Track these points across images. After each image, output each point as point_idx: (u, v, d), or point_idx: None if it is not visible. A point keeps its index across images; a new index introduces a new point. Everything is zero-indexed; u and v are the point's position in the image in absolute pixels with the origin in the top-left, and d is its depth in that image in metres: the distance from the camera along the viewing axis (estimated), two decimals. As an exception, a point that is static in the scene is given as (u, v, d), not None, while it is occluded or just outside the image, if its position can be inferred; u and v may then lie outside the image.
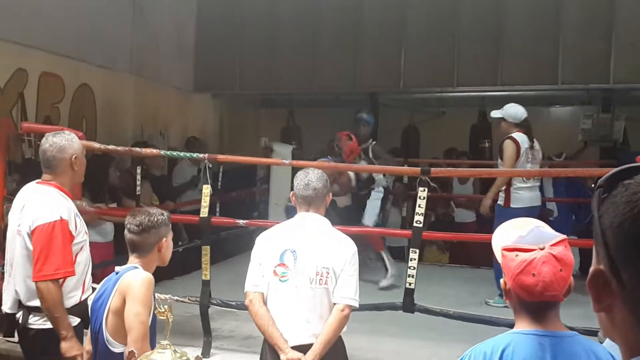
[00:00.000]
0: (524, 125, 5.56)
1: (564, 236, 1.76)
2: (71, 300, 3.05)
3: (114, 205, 5.70)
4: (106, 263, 5.27)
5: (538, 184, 5.63)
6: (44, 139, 3.17)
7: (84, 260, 3.13)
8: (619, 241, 0.87)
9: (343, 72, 8.94)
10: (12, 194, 3.87)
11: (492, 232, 1.92)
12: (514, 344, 1.73)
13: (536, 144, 5.59)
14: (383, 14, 8.67)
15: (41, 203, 3.02)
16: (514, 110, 5.62)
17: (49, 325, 2.97)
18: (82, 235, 3.11)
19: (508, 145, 5.45)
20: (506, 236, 1.81)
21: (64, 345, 2.88)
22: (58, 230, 2.94)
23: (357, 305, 2.98)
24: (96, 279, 3.39)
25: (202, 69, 9.38)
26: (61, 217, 2.96)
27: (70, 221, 3.02)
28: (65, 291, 3.02)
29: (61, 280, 2.98)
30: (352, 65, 8.89)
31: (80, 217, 3.16)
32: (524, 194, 5.43)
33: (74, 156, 3.12)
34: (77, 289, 3.09)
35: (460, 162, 8.15)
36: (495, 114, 5.73)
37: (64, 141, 3.12)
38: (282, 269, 2.93)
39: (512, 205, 5.32)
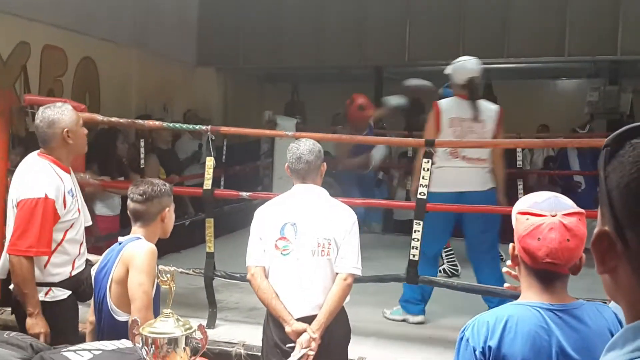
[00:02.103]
0: (467, 88, 4.43)
1: (582, 210, 1.74)
2: (57, 276, 3.04)
3: (122, 178, 5.71)
4: (113, 235, 5.31)
5: (480, 165, 4.40)
6: (37, 112, 3.10)
7: (74, 238, 3.10)
8: (625, 201, 0.85)
9: (347, 46, 8.87)
10: (16, 167, 3.87)
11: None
12: (518, 315, 1.72)
13: (483, 114, 4.41)
14: (388, -14, 8.58)
15: (31, 177, 2.99)
16: (459, 67, 4.50)
17: (40, 297, 2.96)
18: (73, 213, 3.06)
19: (428, 117, 4.46)
20: (524, 202, 1.81)
21: (29, 321, 2.88)
22: (40, 208, 2.89)
23: (359, 274, 2.99)
24: (102, 251, 3.41)
25: (206, 42, 9.32)
26: (46, 195, 2.91)
27: (58, 200, 2.96)
28: (51, 268, 3.01)
29: (46, 258, 2.97)
30: (356, 39, 8.82)
31: (75, 194, 3.10)
32: (447, 175, 4.30)
33: (65, 130, 3.04)
34: (64, 266, 3.07)
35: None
36: (447, 69, 4.64)
37: (54, 115, 3.04)
38: (284, 242, 2.92)
39: (431, 189, 3.98)
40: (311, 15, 8.87)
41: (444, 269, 5.53)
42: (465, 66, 4.53)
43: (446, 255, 5.61)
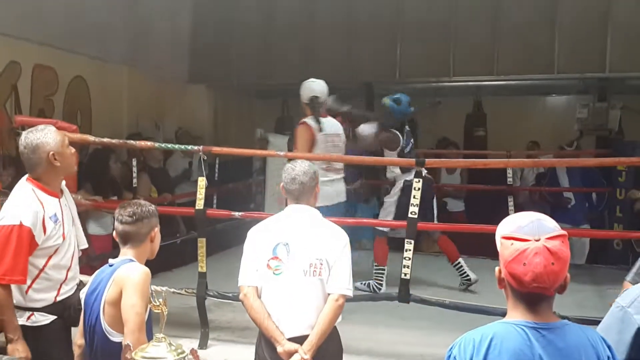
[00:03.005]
0: (310, 106, 4.93)
1: (564, 232, 1.78)
2: (40, 302, 2.99)
3: (115, 197, 5.70)
4: (106, 255, 5.28)
5: (342, 175, 4.98)
6: (21, 138, 3.02)
7: (59, 263, 3.05)
8: None
9: (338, 63, 8.91)
10: (8, 188, 3.86)
11: (480, 221, 1.93)
12: (503, 333, 1.76)
13: (333, 128, 4.89)
14: (378, 4, 8.64)
15: (10, 203, 2.94)
16: (303, 87, 5.01)
17: (21, 322, 2.93)
18: (55, 239, 2.99)
19: (299, 132, 4.83)
20: (507, 225, 1.84)
21: (9, 347, 2.83)
22: (14, 235, 2.84)
23: (351, 295, 3.00)
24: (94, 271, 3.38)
25: (197, 60, 9.35)
26: (21, 223, 2.85)
27: (35, 227, 2.89)
28: (32, 293, 2.97)
29: (27, 284, 2.92)
30: (347, 56, 8.87)
31: (59, 219, 3.02)
32: (327, 190, 4.72)
33: (51, 153, 2.97)
34: (48, 292, 3.02)
35: (448, 152, 8.16)
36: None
37: (37, 139, 2.97)
38: (276, 262, 2.93)
39: (320, 204, 4.67)
40: (301, 31, 8.92)
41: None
42: (309, 86, 4.96)
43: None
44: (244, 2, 8.98)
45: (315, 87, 4.96)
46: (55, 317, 3.03)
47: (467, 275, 5.60)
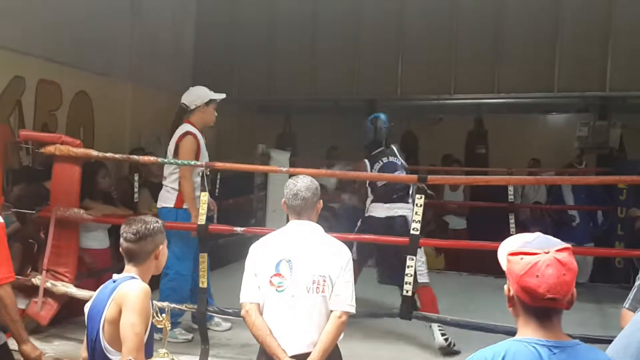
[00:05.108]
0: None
1: (569, 245, 1.80)
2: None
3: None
4: (106, 270, 5.25)
5: (164, 182, 4.88)
6: None
7: None
8: None
9: (341, 79, 8.98)
10: (9, 202, 3.86)
11: (482, 238, 1.93)
12: (515, 351, 1.76)
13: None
14: (381, 21, 8.72)
15: None
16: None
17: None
18: None
19: (185, 143, 4.94)
20: (513, 243, 1.85)
21: (26, 348, 2.84)
22: (2, 233, 2.89)
23: (354, 311, 2.98)
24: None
25: (200, 75, 9.37)
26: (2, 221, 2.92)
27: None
28: None
29: None
30: (350, 72, 8.93)
31: None
32: None
33: None
34: None
35: (453, 169, 8.16)
36: None
37: None
38: (279, 279, 2.92)
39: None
40: (305, 47, 8.99)
41: None
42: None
43: None
44: (247, 18, 9.05)
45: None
46: None
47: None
